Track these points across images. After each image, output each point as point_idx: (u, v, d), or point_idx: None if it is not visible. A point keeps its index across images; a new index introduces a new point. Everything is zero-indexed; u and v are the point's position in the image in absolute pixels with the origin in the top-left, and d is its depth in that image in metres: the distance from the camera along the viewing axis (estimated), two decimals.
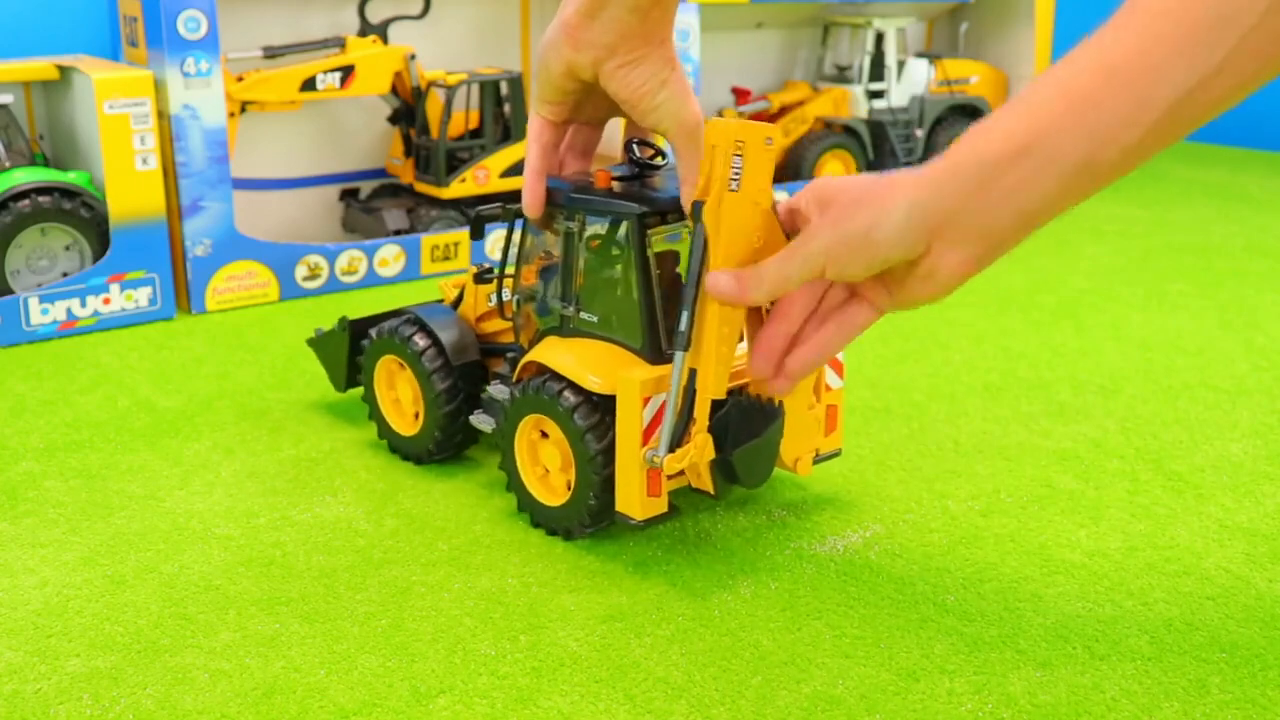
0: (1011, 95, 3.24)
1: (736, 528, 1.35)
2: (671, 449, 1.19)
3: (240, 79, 2.33)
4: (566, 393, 1.27)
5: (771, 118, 2.96)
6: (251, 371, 1.88)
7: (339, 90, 2.40)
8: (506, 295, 1.42)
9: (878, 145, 2.99)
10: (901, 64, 3.05)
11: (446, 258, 2.42)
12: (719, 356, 1.16)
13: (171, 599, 1.22)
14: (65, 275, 2.11)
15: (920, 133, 3.03)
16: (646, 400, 1.20)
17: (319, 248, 2.31)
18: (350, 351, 1.61)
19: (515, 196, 2.66)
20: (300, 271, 2.28)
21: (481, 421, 1.42)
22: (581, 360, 1.28)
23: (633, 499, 1.23)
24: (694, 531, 1.34)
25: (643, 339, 1.25)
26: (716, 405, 1.19)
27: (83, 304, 2.06)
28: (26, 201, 2.04)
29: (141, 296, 2.12)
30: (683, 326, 1.15)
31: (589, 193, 1.28)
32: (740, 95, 2.97)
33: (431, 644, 1.14)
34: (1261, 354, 1.91)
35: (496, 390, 1.41)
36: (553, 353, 1.31)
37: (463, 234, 2.43)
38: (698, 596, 1.22)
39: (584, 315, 1.31)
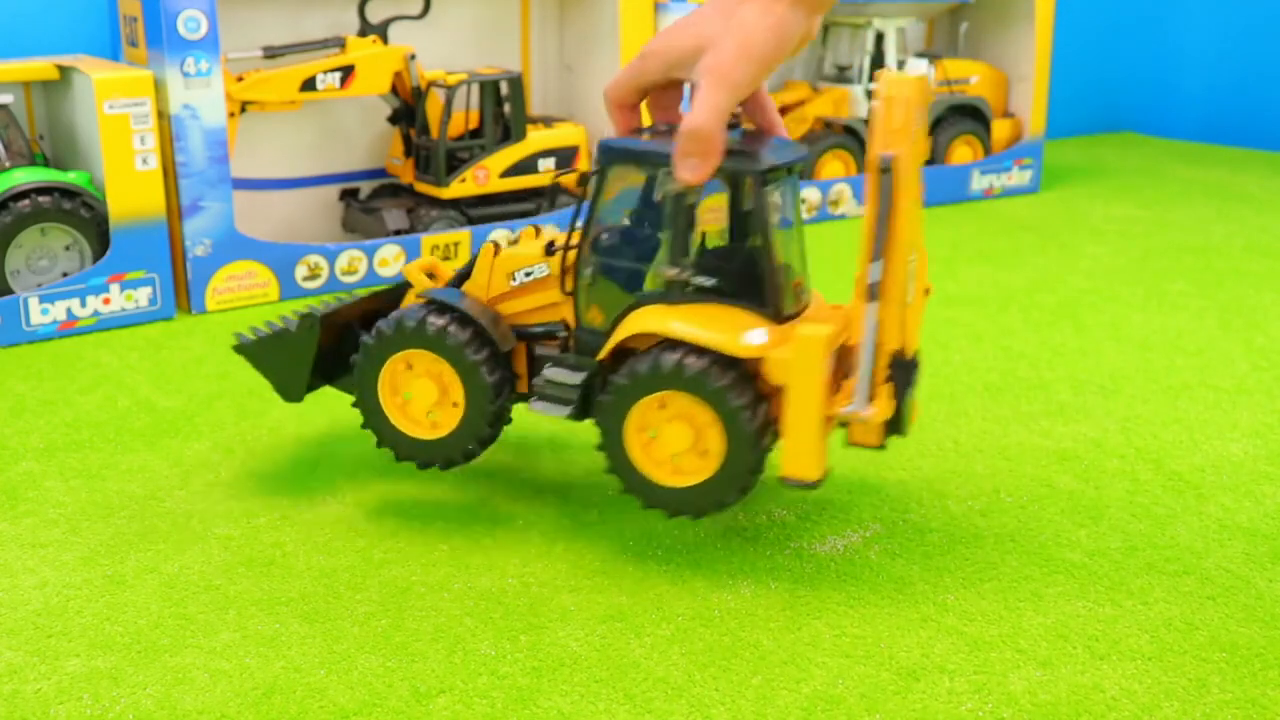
0: (1011, 95, 3.24)
1: (736, 527, 1.35)
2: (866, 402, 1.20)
3: (240, 79, 2.33)
4: (714, 367, 1.18)
5: None
6: (251, 371, 1.88)
7: (339, 90, 2.40)
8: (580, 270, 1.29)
9: None
10: (901, 64, 3.04)
11: (447, 257, 2.42)
12: (901, 305, 1.19)
13: (171, 599, 1.22)
14: (65, 275, 2.11)
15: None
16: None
17: (319, 248, 2.31)
18: (316, 352, 1.42)
19: (516, 196, 2.63)
20: (300, 271, 2.28)
21: (547, 410, 1.29)
22: (713, 325, 1.20)
23: (808, 459, 1.20)
24: (694, 531, 1.34)
25: (768, 298, 1.22)
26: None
27: (83, 304, 2.06)
28: (26, 201, 2.04)
29: (141, 296, 2.12)
30: (876, 277, 1.16)
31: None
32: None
33: (431, 644, 1.14)
34: (1261, 354, 1.91)
35: (558, 374, 1.29)
36: (672, 321, 1.21)
37: (463, 233, 2.43)
38: (698, 596, 1.22)
39: (698, 279, 1.23)
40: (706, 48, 1.16)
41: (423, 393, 1.34)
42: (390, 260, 2.36)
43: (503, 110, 2.51)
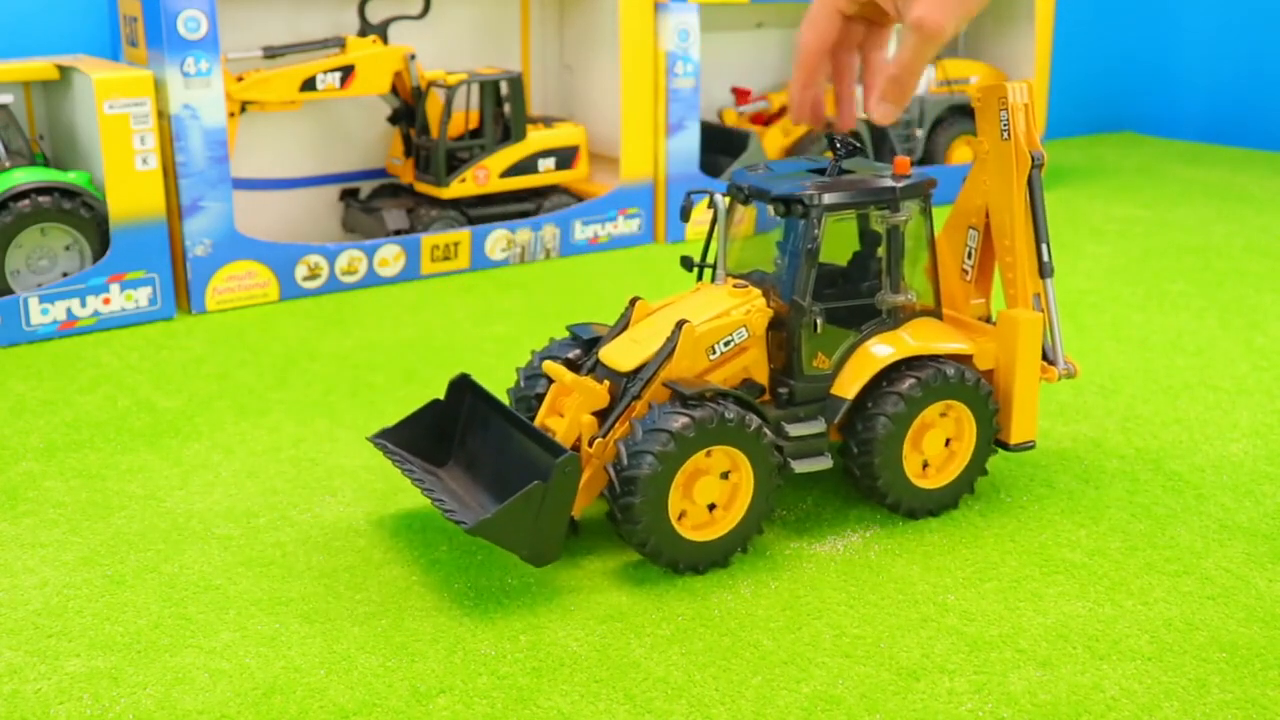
0: None
1: None
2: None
3: (240, 79, 2.33)
4: (967, 370, 1.33)
5: (771, 118, 2.96)
6: (251, 371, 1.88)
7: (339, 90, 2.40)
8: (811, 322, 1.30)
9: (877, 145, 2.99)
10: None
11: (447, 258, 2.42)
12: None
13: (171, 599, 1.22)
14: (65, 275, 2.11)
15: (920, 133, 3.03)
16: None
17: (319, 248, 2.31)
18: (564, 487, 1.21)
19: (516, 196, 2.62)
20: (300, 271, 2.28)
21: (811, 465, 1.31)
22: (949, 337, 1.36)
23: (1031, 422, 1.39)
24: None
25: (938, 300, 1.39)
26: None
27: (83, 304, 2.06)
28: (26, 201, 2.04)
29: (141, 296, 2.12)
30: (1048, 256, 1.37)
31: (900, 179, 1.33)
32: (740, 95, 2.97)
33: (431, 644, 1.14)
34: (1261, 354, 1.91)
35: (801, 428, 1.30)
36: (911, 340, 1.33)
37: (463, 234, 2.43)
38: (698, 596, 1.22)
39: (904, 297, 1.34)
40: None
41: (706, 491, 1.24)
42: (390, 260, 2.36)
43: (503, 110, 2.51)
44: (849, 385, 1.31)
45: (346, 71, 2.40)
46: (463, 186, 2.47)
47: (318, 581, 1.25)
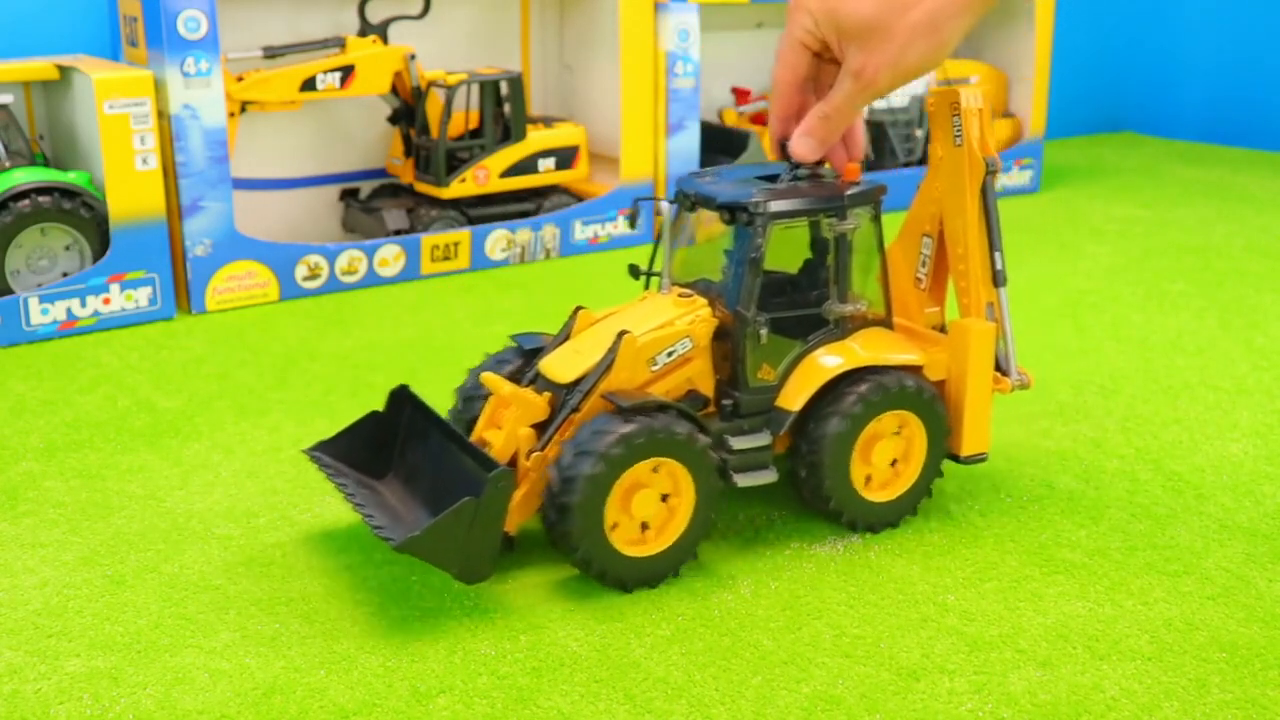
0: (1011, 95, 3.24)
1: (736, 527, 1.35)
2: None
3: (240, 79, 2.33)
4: (917, 381, 1.32)
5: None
6: (251, 371, 1.88)
7: (339, 90, 2.40)
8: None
9: (878, 145, 2.99)
10: None
11: (446, 258, 2.42)
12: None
13: (171, 599, 1.22)
14: (65, 275, 2.11)
15: (920, 133, 3.03)
16: None
17: (319, 248, 2.31)
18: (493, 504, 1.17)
19: (516, 196, 2.62)
20: (300, 271, 2.28)
21: (755, 479, 1.27)
22: (888, 347, 1.33)
23: (983, 434, 1.37)
24: None
25: (888, 309, 1.36)
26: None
27: (83, 304, 2.06)
28: (26, 201, 2.04)
29: (141, 296, 2.12)
30: (1001, 265, 1.36)
31: (849, 187, 1.30)
32: (740, 95, 2.97)
33: (431, 644, 1.14)
34: (1261, 354, 1.91)
35: (747, 440, 1.26)
36: (861, 351, 1.30)
37: (463, 234, 2.43)
38: (698, 596, 1.22)
39: (852, 306, 1.32)
40: (875, 30, 1.15)
41: (644, 506, 1.21)
42: (390, 260, 2.36)
43: (503, 110, 2.51)
44: (795, 397, 1.27)
45: (346, 71, 2.40)
46: (463, 186, 2.47)
47: (318, 581, 1.25)
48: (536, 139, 2.54)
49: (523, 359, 1.33)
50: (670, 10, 2.58)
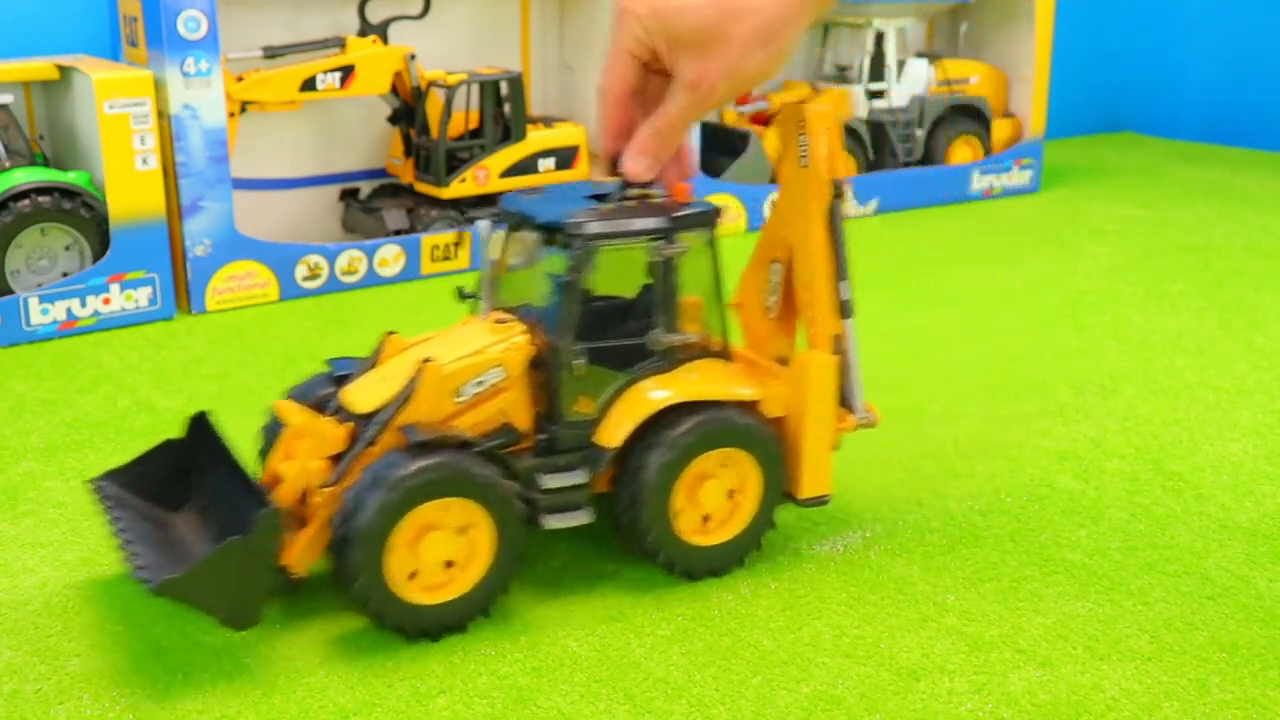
0: (1011, 95, 3.24)
1: None
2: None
3: (240, 79, 2.33)
4: (750, 418, 1.22)
5: (771, 118, 2.96)
6: (251, 371, 1.88)
7: (339, 90, 2.40)
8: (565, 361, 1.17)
9: (878, 145, 2.99)
10: (901, 64, 3.04)
11: (446, 258, 2.42)
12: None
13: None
14: (65, 275, 2.11)
15: (920, 133, 3.03)
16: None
17: (319, 248, 2.31)
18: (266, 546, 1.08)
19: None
20: (300, 271, 2.28)
21: (567, 520, 1.18)
22: (721, 380, 1.23)
23: (823, 475, 1.27)
24: None
25: (725, 339, 1.27)
26: None
27: (83, 304, 2.06)
28: (26, 201, 2.04)
29: (141, 296, 2.12)
30: (848, 295, 1.26)
31: (677, 209, 1.20)
32: (740, 95, 2.97)
33: (431, 644, 1.14)
34: (1261, 354, 1.91)
35: (560, 479, 1.18)
36: (689, 384, 1.20)
37: (463, 234, 2.43)
38: (698, 596, 1.22)
39: (680, 337, 1.22)
40: (710, 38, 1.10)
41: (434, 550, 1.12)
42: (390, 260, 2.36)
43: (503, 110, 2.51)
44: (615, 432, 1.17)
45: (346, 71, 2.40)
46: (463, 186, 2.47)
47: (317, 580, 1.25)
48: (536, 139, 2.54)
49: (335, 385, 1.23)
50: None
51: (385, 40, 2.45)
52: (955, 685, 1.08)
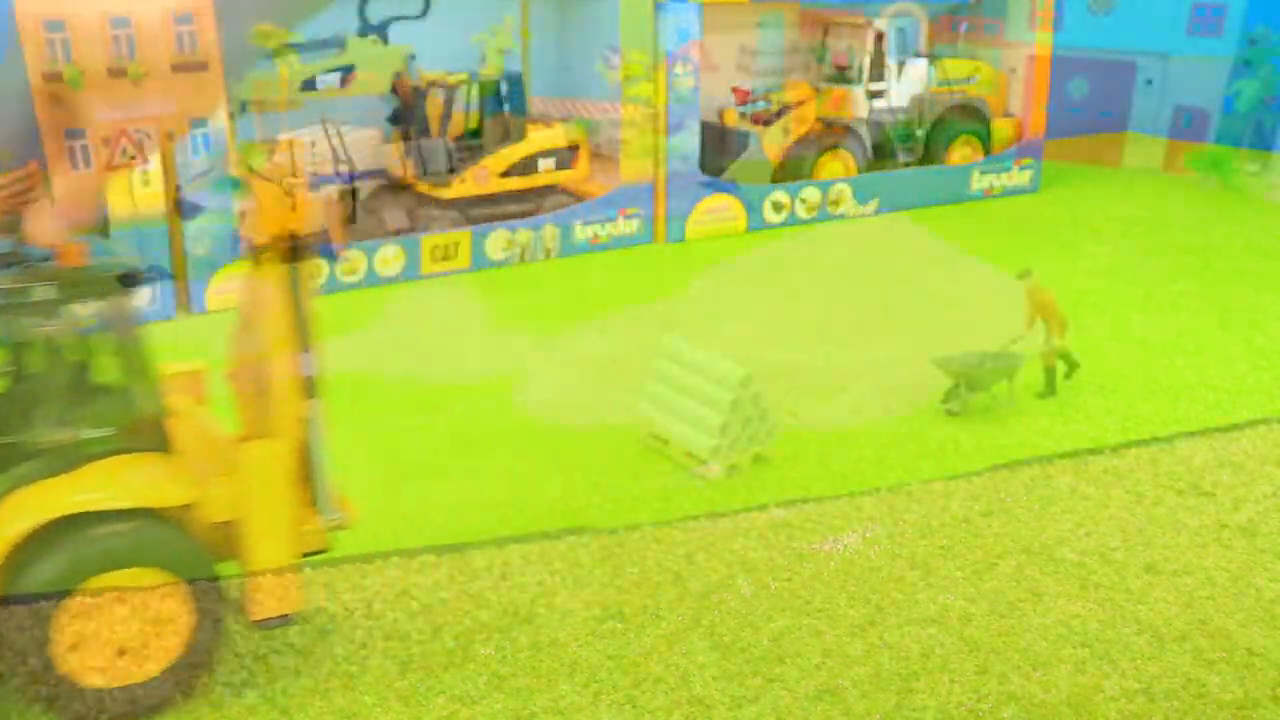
0: (1011, 95, 3.24)
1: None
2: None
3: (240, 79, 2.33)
4: (167, 530, 0.97)
5: (771, 118, 2.96)
6: None
7: (339, 90, 2.40)
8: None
9: (878, 145, 2.99)
10: (901, 64, 3.04)
11: (446, 258, 2.42)
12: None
13: None
14: None
15: (920, 133, 3.03)
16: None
17: (319, 247, 2.30)
18: None
19: (516, 196, 2.60)
20: None
21: None
22: (135, 483, 0.98)
23: (285, 589, 1.02)
24: (694, 532, 1.34)
25: (160, 428, 1.03)
26: None
27: None
28: None
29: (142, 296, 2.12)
30: (313, 370, 1.01)
31: (63, 274, 0.97)
32: (740, 95, 2.97)
33: (432, 644, 1.14)
34: (1261, 354, 1.91)
35: None
36: (86, 491, 0.96)
37: (463, 234, 2.43)
38: (697, 597, 1.22)
39: (74, 433, 0.99)
40: None
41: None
42: (390, 260, 2.36)
43: (503, 110, 2.51)
44: None
45: (346, 71, 2.40)
46: (463, 186, 2.46)
47: (317, 580, 1.25)
48: (536, 139, 2.54)
49: None
50: (670, 10, 2.58)
51: (385, 40, 2.46)
52: (955, 685, 1.08)
